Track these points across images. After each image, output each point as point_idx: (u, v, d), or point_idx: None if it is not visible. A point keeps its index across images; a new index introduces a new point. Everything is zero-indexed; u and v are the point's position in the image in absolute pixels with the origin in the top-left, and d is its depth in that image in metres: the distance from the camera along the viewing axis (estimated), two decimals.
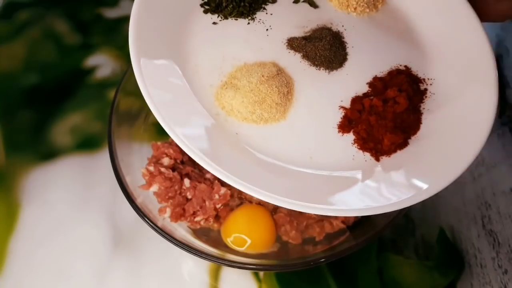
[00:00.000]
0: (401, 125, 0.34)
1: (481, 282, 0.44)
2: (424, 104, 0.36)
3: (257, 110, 0.34)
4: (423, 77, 0.37)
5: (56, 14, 0.64)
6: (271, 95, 0.34)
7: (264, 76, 0.34)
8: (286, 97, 0.35)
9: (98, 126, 0.54)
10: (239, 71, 0.35)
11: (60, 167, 0.51)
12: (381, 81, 0.36)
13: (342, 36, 0.39)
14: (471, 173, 0.51)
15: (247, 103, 0.34)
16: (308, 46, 0.37)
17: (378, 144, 0.34)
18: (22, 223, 0.47)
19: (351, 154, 0.34)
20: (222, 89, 0.35)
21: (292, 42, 0.38)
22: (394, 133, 0.33)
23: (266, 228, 0.42)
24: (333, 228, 0.42)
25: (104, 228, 0.47)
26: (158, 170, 0.43)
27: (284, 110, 0.35)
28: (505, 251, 0.45)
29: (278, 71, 0.36)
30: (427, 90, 0.37)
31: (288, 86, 0.35)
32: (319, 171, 0.33)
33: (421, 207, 0.49)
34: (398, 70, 0.37)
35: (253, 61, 0.36)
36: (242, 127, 0.34)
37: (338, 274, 0.44)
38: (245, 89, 0.34)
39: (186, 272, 0.45)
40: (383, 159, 0.34)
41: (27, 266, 0.45)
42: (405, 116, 0.34)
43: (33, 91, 0.57)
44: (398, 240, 0.47)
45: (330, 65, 0.37)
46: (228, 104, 0.34)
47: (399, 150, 0.34)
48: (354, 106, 0.35)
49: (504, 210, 0.48)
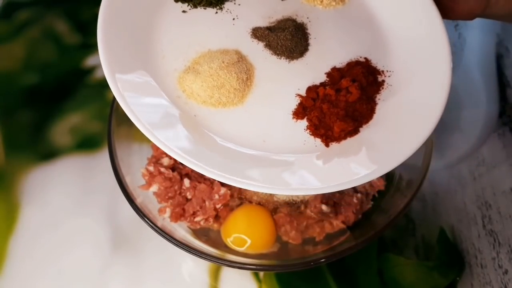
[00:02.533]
0: (353, 114, 0.36)
1: (481, 282, 0.44)
2: (380, 95, 0.37)
3: (216, 94, 0.36)
4: (382, 69, 0.39)
5: (56, 14, 0.64)
6: (229, 80, 0.36)
7: (225, 62, 0.36)
8: (245, 83, 0.37)
9: (98, 126, 0.54)
10: (202, 57, 0.37)
11: (60, 167, 0.51)
12: (338, 72, 0.38)
13: (305, 28, 0.40)
14: (471, 173, 0.51)
15: (206, 87, 0.35)
16: (271, 36, 0.39)
17: (329, 131, 0.35)
18: (22, 223, 0.47)
19: (303, 139, 0.36)
20: (184, 73, 0.36)
21: (256, 31, 0.39)
22: (344, 121, 0.35)
23: (266, 228, 0.42)
24: (333, 228, 0.42)
25: (104, 228, 0.47)
26: (158, 170, 0.43)
27: (242, 95, 0.36)
28: (506, 251, 0.45)
29: (239, 58, 0.37)
30: (385, 81, 0.38)
31: (247, 73, 0.37)
32: (269, 154, 0.35)
33: (422, 207, 0.49)
34: (357, 62, 0.38)
35: (217, 49, 0.38)
36: (200, 110, 0.36)
37: (338, 274, 0.44)
38: (205, 74, 0.36)
39: (186, 272, 0.45)
40: (332, 145, 0.35)
41: (27, 266, 0.45)
42: (357, 106, 0.36)
43: (33, 91, 0.57)
44: (398, 240, 0.47)
45: (290, 54, 0.38)
46: (188, 87, 0.36)
47: (349, 137, 0.35)
48: (309, 94, 0.37)
49: (504, 210, 0.47)
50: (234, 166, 0.33)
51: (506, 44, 0.61)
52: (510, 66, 0.59)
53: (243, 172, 0.33)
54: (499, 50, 0.61)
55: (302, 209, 0.43)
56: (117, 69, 0.34)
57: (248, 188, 0.33)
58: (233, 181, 0.32)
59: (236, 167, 0.33)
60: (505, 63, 0.60)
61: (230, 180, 0.32)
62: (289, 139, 0.36)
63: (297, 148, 0.35)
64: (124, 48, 0.35)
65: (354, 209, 0.42)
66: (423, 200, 0.49)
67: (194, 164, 0.32)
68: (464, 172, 0.51)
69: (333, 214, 0.42)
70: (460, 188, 0.50)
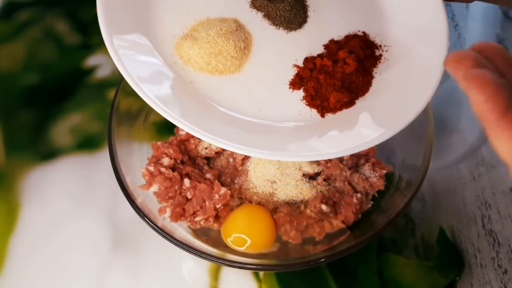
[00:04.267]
0: (349, 85, 0.36)
1: (481, 282, 0.44)
2: (376, 69, 0.37)
3: (213, 61, 0.36)
4: (380, 43, 0.39)
5: (56, 14, 0.64)
6: (227, 48, 0.36)
7: (223, 30, 0.36)
8: (243, 51, 0.37)
9: (98, 126, 0.54)
10: (200, 24, 0.37)
11: (60, 167, 0.51)
12: (336, 44, 0.38)
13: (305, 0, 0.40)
14: (471, 173, 0.51)
15: (203, 54, 0.36)
16: (270, 6, 0.39)
17: (325, 101, 0.35)
18: (22, 223, 0.47)
19: (298, 109, 0.36)
20: (182, 40, 0.36)
21: (255, 1, 0.39)
22: (340, 92, 0.35)
23: (266, 228, 0.42)
24: (333, 228, 0.42)
25: (104, 228, 0.47)
26: (158, 170, 0.43)
27: (239, 63, 0.37)
28: (505, 251, 0.45)
29: (238, 27, 0.37)
30: (382, 55, 0.38)
31: (245, 42, 0.37)
32: (264, 121, 0.35)
33: (421, 207, 0.49)
34: (355, 35, 0.39)
35: (216, 17, 0.38)
36: (197, 76, 0.36)
37: (338, 274, 0.44)
38: (203, 41, 0.36)
39: (186, 272, 0.45)
40: (328, 116, 0.36)
41: (27, 266, 0.45)
42: (354, 77, 0.36)
43: (33, 91, 0.57)
44: (398, 240, 0.47)
45: (289, 25, 0.39)
46: (186, 53, 0.36)
47: (345, 108, 0.36)
48: (306, 65, 0.37)
49: (504, 210, 0.48)
50: (231, 131, 0.33)
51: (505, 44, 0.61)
52: None
53: (240, 137, 0.33)
54: None
55: (302, 209, 0.43)
56: (115, 30, 0.34)
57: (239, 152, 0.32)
58: (228, 146, 0.32)
59: (233, 131, 0.33)
60: None
61: (226, 144, 0.32)
62: (285, 108, 0.36)
63: (293, 117, 0.35)
64: (123, 10, 0.35)
65: (354, 209, 0.42)
66: (423, 200, 0.49)
67: (190, 128, 0.32)
68: (463, 172, 0.51)
69: (333, 214, 0.42)
70: (460, 188, 0.50)
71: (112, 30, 0.34)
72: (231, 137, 0.33)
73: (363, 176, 0.44)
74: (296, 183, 0.44)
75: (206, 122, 0.33)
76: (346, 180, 0.44)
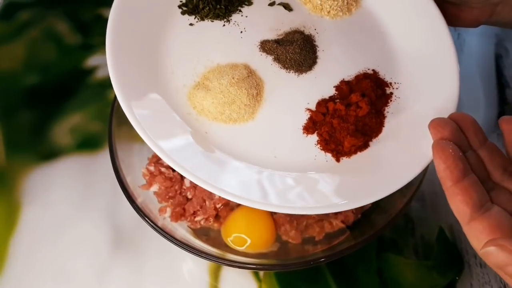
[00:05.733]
0: (363, 128, 0.36)
1: (480, 282, 0.44)
2: (388, 108, 0.37)
3: (227, 110, 0.36)
4: (390, 80, 0.39)
5: (56, 15, 0.64)
6: (240, 96, 0.36)
7: (235, 78, 0.36)
8: (255, 98, 0.36)
9: (99, 126, 0.54)
10: (211, 72, 0.37)
11: (60, 167, 0.51)
12: (347, 85, 0.38)
13: (313, 40, 0.40)
14: None
15: (217, 104, 0.35)
16: (279, 49, 0.38)
17: (339, 145, 0.35)
18: (23, 223, 0.47)
19: (313, 154, 0.36)
20: (194, 90, 0.36)
21: (264, 45, 0.39)
22: (354, 136, 0.35)
23: (266, 228, 0.42)
24: (333, 227, 0.42)
25: (104, 228, 0.47)
26: (159, 170, 0.43)
27: (252, 111, 0.36)
28: None
29: (249, 73, 0.37)
30: (393, 94, 0.38)
31: (257, 88, 0.37)
32: (281, 171, 0.34)
33: (421, 207, 0.49)
34: (365, 74, 0.38)
35: (226, 62, 0.38)
36: (212, 126, 0.36)
37: (338, 274, 0.45)
38: (216, 91, 0.36)
39: (186, 271, 0.45)
40: (343, 160, 0.35)
41: (28, 266, 0.45)
42: (367, 120, 0.36)
43: (33, 91, 0.57)
44: (397, 240, 0.47)
45: (299, 68, 0.38)
46: (199, 104, 0.36)
47: (359, 151, 0.35)
48: (319, 109, 0.37)
49: None
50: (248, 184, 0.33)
51: (505, 45, 0.61)
52: (509, 67, 0.59)
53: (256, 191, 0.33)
54: (499, 51, 0.61)
55: None
56: (131, 96, 0.34)
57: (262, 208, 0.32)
58: (247, 201, 0.32)
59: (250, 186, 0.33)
60: (504, 63, 0.60)
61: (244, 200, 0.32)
62: (300, 154, 0.35)
63: (309, 164, 0.35)
64: (134, 68, 0.35)
65: (354, 208, 0.42)
66: (423, 200, 0.49)
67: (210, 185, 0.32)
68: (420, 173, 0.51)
69: (332, 213, 0.42)
70: None
71: (129, 96, 0.33)
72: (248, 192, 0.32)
73: None
74: None
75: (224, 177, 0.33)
76: None
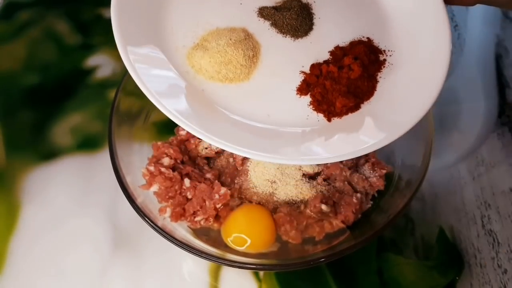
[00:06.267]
0: (355, 90, 0.37)
1: (480, 282, 0.44)
2: (381, 73, 0.38)
3: (223, 70, 0.37)
4: (384, 48, 0.39)
5: (56, 14, 0.64)
6: (236, 57, 0.37)
7: (232, 40, 0.37)
8: (251, 60, 0.38)
9: (99, 126, 0.54)
10: (210, 34, 0.38)
11: (60, 167, 0.51)
12: (341, 50, 0.39)
13: (310, 8, 0.41)
14: (471, 173, 0.51)
15: (214, 63, 0.37)
16: (276, 15, 0.40)
17: (331, 106, 0.36)
18: (23, 223, 0.47)
19: (306, 114, 0.37)
20: (193, 50, 0.38)
21: (262, 10, 0.40)
22: (346, 97, 0.36)
23: (266, 228, 0.42)
24: (333, 228, 0.42)
25: (104, 228, 0.47)
26: (159, 170, 0.43)
27: (248, 71, 0.38)
28: (505, 251, 0.45)
29: (246, 36, 0.38)
30: (386, 60, 0.39)
31: (254, 50, 0.38)
32: (273, 126, 0.36)
33: (421, 207, 0.49)
34: (360, 41, 0.39)
35: (225, 27, 0.39)
36: (208, 84, 0.37)
37: (338, 274, 0.45)
38: (213, 50, 0.37)
39: (186, 271, 0.45)
40: (334, 120, 0.36)
41: (27, 265, 0.45)
42: (359, 83, 0.37)
43: (34, 91, 0.57)
44: (398, 240, 0.47)
45: (295, 33, 0.39)
46: (197, 63, 0.37)
47: (350, 113, 0.37)
48: (312, 71, 0.38)
49: (503, 210, 0.48)
50: (241, 136, 0.34)
51: (505, 45, 0.61)
52: (509, 67, 0.59)
53: (250, 142, 0.34)
54: (499, 51, 0.61)
55: (302, 208, 0.43)
56: (129, 42, 0.35)
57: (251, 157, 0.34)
58: (238, 151, 0.33)
59: (243, 137, 0.34)
60: (504, 63, 0.60)
61: (236, 149, 0.33)
62: (293, 114, 0.37)
63: (300, 122, 0.36)
64: (136, 22, 0.36)
65: (354, 208, 0.42)
66: (423, 200, 0.49)
67: (203, 135, 0.33)
68: (463, 172, 0.51)
69: (332, 213, 0.42)
70: (460, 188, 0.50)
71: (126, 41, 0.35)
72: (241, 142, 0.34)
73: (363, 176, 0.44)
74: (296, 183, 0.44)
75: (218, 129, 0.34)
76: (346, 180, 0.44)
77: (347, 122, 0.36)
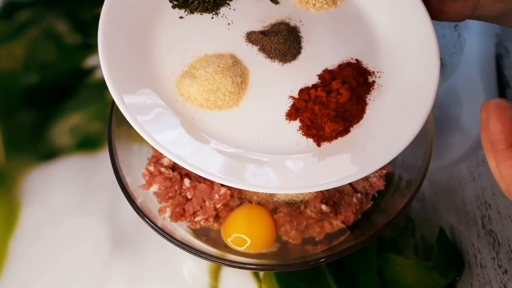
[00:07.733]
0: (344, 114, 0.36)
1: (481, 282, 0.44)
2: (370, 96, 0.38)
3: (212, 97, 0.37)
4: (373, 70, 0.39)
5: (56, 14, 0.64)
6: (225, 84, 0.37)
7: (220, 67, 0.37)
8: (240, 86, 0.38)
9: (98, 126, 0.54)
10: (199, 61, 0.38)
11: (60, 167, 0.51)
12: (330, 73, 0.38)
13: (298, 31, 0.41)
14: (471, 173, 0.51)
15: (203, 91, 0.37)
16: (264, 39, 0.40)
17: (320, 131, 0.36)
18: (22, 223, 0.47)
19: (295, 139, 0.37)
20: (182, 78, 0.38)
21: (250, 35, 0.40)
22: (335, 122, 0.36)
23: (266, 228, 0.42)
24: (333, 228, 0.42)
25: (104, 228, 0.47)
26: (158, 170, 0.43)
27: (237, 98, 0.38)
28: (505, 251, 0.45)
29: (234, 62, 0.38)
30: (375, 82, 0.39)
31: (242, 77, 0.38)
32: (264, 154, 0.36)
33: (421, 207, 0.49)
34: (348, 63, 0.39)
35: (213, 53, 0.39)
36: (198, 112, 0.37)
37: (338, 274, 0.45)
38: (201, 78, 0.37)
39: (186, 272, 0.45)
40: (324, 145, 0.36)
41: (27, 266, 0.45)
42: (348, 106, 0.36)
43: (33, 91, 0.57)
44: (398, 240, 0.47)
45: (284, 57, 0.39)
46: (186, 91, 0.37)
47: (340, 137, 0.36)
48: (301, 96, 0.38)
49: (504, 210, 0.48)
50: (232, 167, 0.34)
51: (505, 45, 0.61)
52: (509, 67, 0.59)
53: (241, 173, 0.34)
54: (499, 51, 0.61)
55: (302, 209, 0.43)
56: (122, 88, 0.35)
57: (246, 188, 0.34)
58: (230, 182, 0.34)
59: (233, 168, 0.34)
60: (504, 63, 0.60)
61: (228, 181, 0.34)
62: (283, 139, 0.37)
63: (290, 148, 0.36)
64: (125, 58, 0.36)
65: (354, 209, 0.42)
66: (423, 200, 0.49)
67: (195, 168, 0.33)
68: (463, 172, 0.51)
69: (333, 214, 0.42)
70: (460, 188, 0.50)
71: (120, 88, 0.35)
72: (232, 173, 0.34)
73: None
74: None
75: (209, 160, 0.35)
76: None
77: (337, 146, 0.36)
